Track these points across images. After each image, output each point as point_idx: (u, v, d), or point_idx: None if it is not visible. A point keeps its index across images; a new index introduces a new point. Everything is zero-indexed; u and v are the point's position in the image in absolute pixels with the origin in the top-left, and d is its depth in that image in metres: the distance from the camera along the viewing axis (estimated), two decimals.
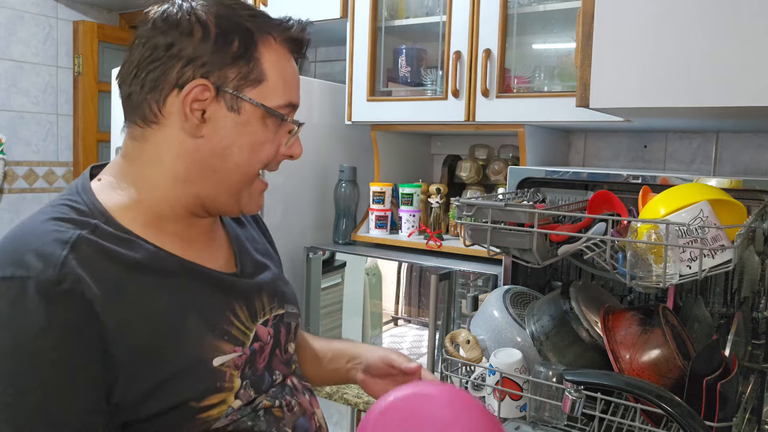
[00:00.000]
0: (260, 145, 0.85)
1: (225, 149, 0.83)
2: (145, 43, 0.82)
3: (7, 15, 2.91)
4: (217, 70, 0.81)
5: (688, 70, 1.10)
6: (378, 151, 2.09)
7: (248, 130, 0.84)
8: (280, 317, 0.95)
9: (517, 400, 1.27)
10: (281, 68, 0.85)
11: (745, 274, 1.44)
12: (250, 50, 0.82)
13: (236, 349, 0.84)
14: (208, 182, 0.84)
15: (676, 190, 1.17)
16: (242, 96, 0.82)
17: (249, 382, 0.85)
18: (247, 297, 0.90)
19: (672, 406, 0.96)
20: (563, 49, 1.75)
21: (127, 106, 0.85)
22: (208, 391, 0.79)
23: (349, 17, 2.02)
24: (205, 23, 0.81)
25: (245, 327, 0.87)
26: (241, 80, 0.82)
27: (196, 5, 0.82)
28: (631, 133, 1.93)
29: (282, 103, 0.85)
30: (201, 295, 0.84)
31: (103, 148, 3.21)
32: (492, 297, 1.49)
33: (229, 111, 0.82)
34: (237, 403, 0.83)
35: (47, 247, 0.72)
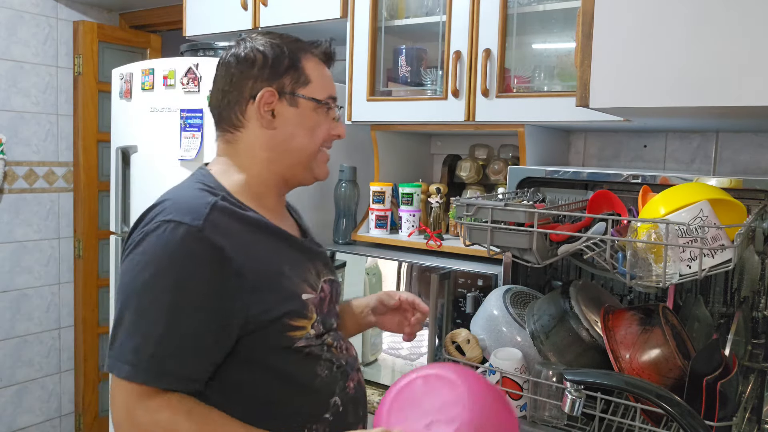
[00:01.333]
0: (315, 128, 1.16)
1: (292, 135, 1.14)
2: (224, 75, 1.15)
3: (7, 15, 2.91)
4: (276, 80, 1.13)
5: (688, 70, 1.10)
6: (378, 151, 2.09)
7: (305, 118, 1.15)
8: (331, 281, 1.21)
9: (517, 399, 1.27)
10: (320, 73, 1.17)
11: (745, 274, 1.44)
12: (296, 63, 1.14)
13: (313, 292, 1.12)
14: (286, 161, 1.15)
15: (675, 189, 1.17)
16: (297, 94, 1.13)
17: (320, 318, 1.11)
18: (313, 259, 1.17)
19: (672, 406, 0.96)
20: (563, 49, 1.75)
21: (219, 120, 1.17)
22: (297, 314, 1.07)
23: (349, 17, 2.02)
24: (262, 52, 1.13)
25: (316, 279, 1.15)
26: (295, 84, 1.14)
27: (255, 43, 1.14)
28: (631, 132, 1.93)
29: (326, 96, 1.16)
30: (290, 251, 1.13)
31: (103, 148, 3.21)
32: (492, 297, 1.49)
33: (290, 107, 1.14)
34: (312, 332, 1.09)
35: (197, 203, 1.03)
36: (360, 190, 2.13)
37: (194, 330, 0.98)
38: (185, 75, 2.12)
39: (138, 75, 2.31)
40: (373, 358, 1.90)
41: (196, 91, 2.09)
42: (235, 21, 2.30)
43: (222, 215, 1.04)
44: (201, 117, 2.08)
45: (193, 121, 2.10)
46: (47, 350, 3.15)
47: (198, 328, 0.98)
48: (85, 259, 3.20)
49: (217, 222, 1.02)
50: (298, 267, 1.12)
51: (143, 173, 2.32)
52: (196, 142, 2.09)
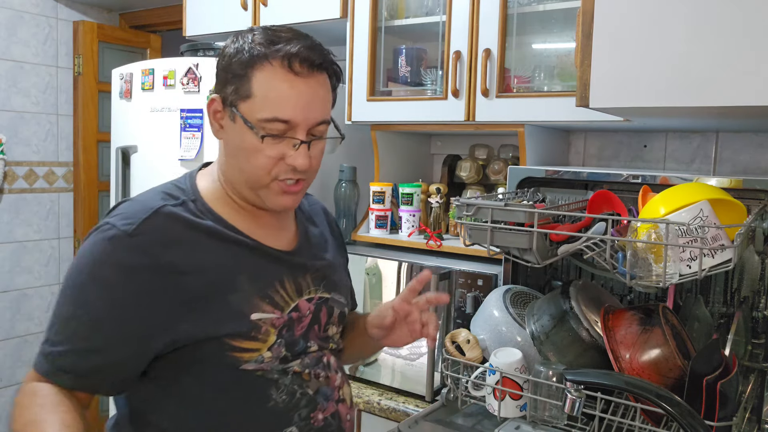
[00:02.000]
0: (253, 152, 0.99)
1: (232, 153, 1.02)
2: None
3: (7, 15, 2.91)
4: (223, 86, 1.01)
5: (688, 70, 1.10)
6: (378, 151, 2.09)
7: (242, 138, 0.99)
8: (324, 300, 1.11)
9: (517, 399, 1.27)
10: (271, 87, 0.97)
11: (745, 274, 1.44)
12: (244, 70, 0.98)
13: (275, 311, 1.02)
14: (234, 177, 1.04)
15: (675, 189, 1.17)
16: (234, 109, 0.99)
17: (284, 342, 1.02)
18: (294, 273, 1.07)
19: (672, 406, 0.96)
20: (563, 49, 1.75)
21: None
22: (241, 336, 0.98)
23: (349, 17, 2.02)
24: (226, 52, 1.01)
25: (288, 297, 1.05)
26: (234, 95, 0.99)
27: (237, 39, 1.01)
28: (631, 132, 1.93)
29: (267, 116, 0.97)
30: (255, 263, 1.03)
31: (104, 148, 3.21)
32: (492, 297, 1.49)
33: (230, 121, 1.01)
34: (268, 355, 1.00)
35: (142, 207, 0.98)
36: (360, 190, 2.13)
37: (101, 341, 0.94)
38: (185, 75, 2.13)
39: (138, 75, 2.31)
40: (373, 358, 1.90)
41: (196, 91, 2.09)
42: (235, 21, 2.30)
43: (166, 221, 0.98)
44: (201, 117, 2.08)
45: (193, 121, 2.10)
46: None
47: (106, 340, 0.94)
48: None
49: (157, 228, 0.96)
50: (263, 281, 1.02)
51: (143, 173, 2.32)
52: (196, 142, 2.09)
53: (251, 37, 0.99)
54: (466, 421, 1.38)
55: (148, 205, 0.98)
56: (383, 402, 1.73)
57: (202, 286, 0.97)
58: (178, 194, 1.03)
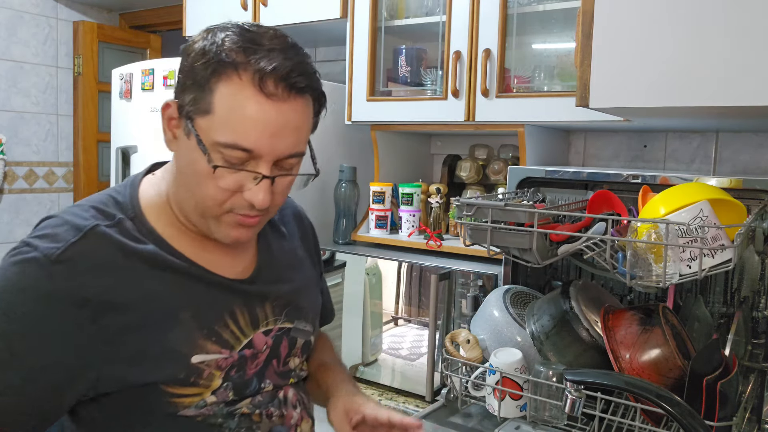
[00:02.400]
0: (204, 178, 0.83)
1: (182, 171, 0.87)
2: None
3: (7, 15, 2.91)
4: (181, 91, 0.84)
5: (688, 70, 1.10)
6: (378, 151, 2.09)
7: (194, 158, 0.83)
8: (285, 330, 0.98)
9: (517, 399, 1.27)
10: (235, 106, 0.80)
11: (745, 274, 1.44)
12: (207, 80, 0.81)
13: (222, 351, 0.88)
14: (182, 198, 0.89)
15: (675, 189, 1.17)
16: (189, 123, 0.83)
17: (231, 384, 0.89)
18: (249, 303, 0.93)
19: (672, 406, 0.96)
20: (563, 49, 1.75)
21: None
22: (180, 382, 0.85)
23: (349, 17, 2.02)
24: (190, 51, 0.84)
25: (240, 332, 0.91)
26: (191, 105, 0.82)
27: (207, 36, 0.84)
28: (631, 132, 1.93)
29: (225, 141, 0.80)
30: (199, 295, 0.89)
31: (103, 149, 3.21)
32: (492, 297, 1.49)
33: (184, 134, 0.85)
34: (212, 399, 0.88)
35: (70, 226, 0.83)
36: (360, 190, 2.13)
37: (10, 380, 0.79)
38: None
39: (138, 75, 2.31)
40: (373, 358, 1.90)
41: None
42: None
43: (97, 245, 0.83)
44: None
45: None
46: None
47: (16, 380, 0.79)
48: None
49: (85, 253, 0.81)
50: (209, 316, 0.88)
51: None
52: None
53: (223, 37, 0.82)
54: (466, 421, 1.38)
55: (77, 225, 0.83)
56: (383, 402, 1.73)
57: (134, 323, 0.82)
58: (114, 211, 0.87)
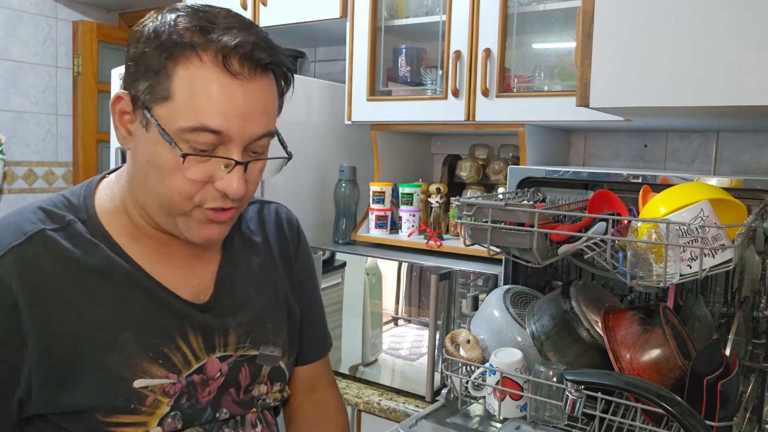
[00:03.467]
0: (170, 172, 0.77)
1: (142, 169, 0.79)
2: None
3: (7, 15, 2.91)
4: (133, 81, 0.77)
5: (688, 70, 1.10)
6: (378, 151, 2.09)
7: (156, 152, 0.76)
8: (249, 358, 0.90)
9: (517, 399, 1.27)
10: (198, 89, 0.75)
11: (746, 274, 1.44)
12: (162, 63, 0.75)
13: (170, 375, 0.82)
14: (144, 199, 0.81)
15: (676, 189, 1.17)
16: (147, 113, 0.76)
17: (181, 414, 0.82)
18: (205, 330, 0.86)
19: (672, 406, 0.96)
20: (563, 49, 1.75)
21: None
22: (119, 409, 0.78)
23: (349, 17, 2.02)
24: (141, 35, 0.77)
25: (194, 356, 0.84)
26: (148, 94, 0.76)
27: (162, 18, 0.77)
28: (631, 132, 1.93)
29: (191, 125, 0.75)
30: (148, 314, 0.82)
31: (103, 149, 3.21)
32: (492, 297, 1.49)
33: (142, 128, 0.78)
34: (158, 430, 0.80)
35: (13, 231, 0.76)
36: (360, 190, 2.13)
37: None
38: None
39: None
40: (373, 358, 1.90)
41: None
42: None
43: (41, 251, 0.76)
44: None
45: None
46: None
47: None
48: None
49: (26, 259, 0.75)
50: (157, 337, 0.81)
51: None
52: None
53: (174, 18, 0.76)
54: (466, 422, 1.38)
55: (20, 228, 0.77)
56: (383, 402, 1.73)
57: (72, 341, 0.76)
58: (64, 213, 0.81)
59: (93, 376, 0.77)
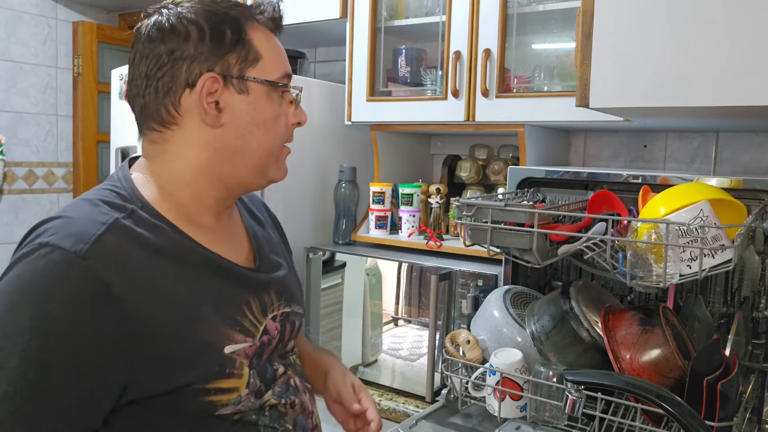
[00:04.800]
0: (274, 119, 0.91)
1: (245, 130, 0.90)
2: (148, 55, 0.87)
3: (7, 16, 2.91)
4: (219, 60, 0.87)
5: (688, 70, 1.10)
6: (378, 151, 2.09)
7: (260, 107, 0.90)
8: (286, 315, 0.99)
9: (517, 400, 1.27)
10: (271, 45, 0.92)
11: (746, 274, 1.44)
12: (241, 35, 0.88)
13: (247, 339, 0.89)
14: (231, 164, 0.90)
15: (676, 189, 1.17)
16: (246, 77, 0.88)
17: (256, 372, 0.90)
18: (259, 292, 0.94)
19: (672, 406, 0.96)
20: (563, 49, 1.75)
21: (142, 116, 0.91)
22: (217, 375, 0.84)
23: (349, 17, 2.02)
24: (196, 22, 0.87)
25: (256, 320, 0.92)
26: (242, 63, 0.88)
27: (182, 9, 0.88)
28: (631, 132, 1.93)
29: (280, 74, 0.92)
30: (219, 286, 0.88)
31: (103, 149, 3.21)
32: (492, 297, 1.49)
33: (239, 94, 0.89)
34: (245, 392, 0.87)
35: (89, 222, 0.79)
36: (360, 191, 2.13)
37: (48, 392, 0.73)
38: None
39: None
40: (373, 359, 1.90)
41: None
42: None
43: (122, 238, 0.80)
44: None
45: None
46: None
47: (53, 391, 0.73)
48: None
49: (111, 248, 0.78)
50: (229, 305, 0.88)
51: None
52: None
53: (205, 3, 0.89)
54: (466, 422, 1.38)
55: (94, 219, 0.80)
56: (383, 402, 1.73)
57: (164, 321, 0.80)
58: (122, 202, 0.85)
59: (188, 351, 0.81)
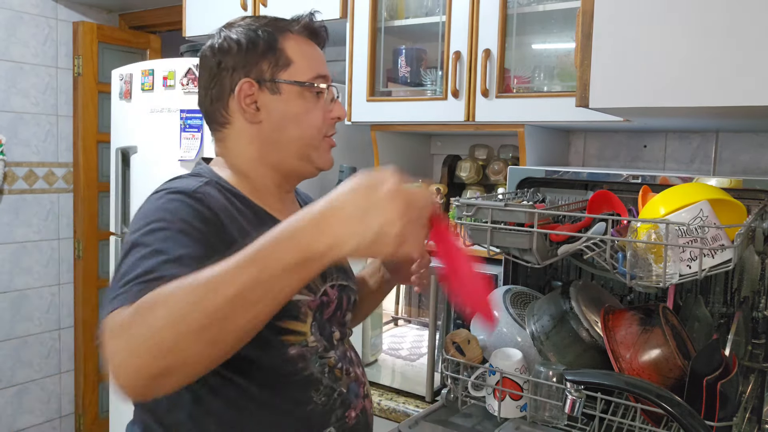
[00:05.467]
0: (306, 114, 1.06)
1: (280, 125, 1.06)
2: (204, 71, 1.08)
3: (7, 16, 2.91)
4: (254, 67, 1.04)
5: (687, 70, 1.10)
6: (378, 151, 2.09)
7: (292, 105, 1.05)
8: (343, 287, 1.12)
9: (517, 400, 1.27)
10: (303, 51, 1.07)
11: (745, 274, 1.44)
12: (273, 45, 1.05)
13: (309, 294, 1.03)
14: (277, 153, 1.06)
15: (675, 189, 1.17)
16: (278, 80, 1.05)
17: (317, 325, 1.04)
18: None
19: (672, 406, 0.96)
20: (563, 49, 1.75)
21: (207, 120, 1.11)
22: (285, 313, 0.95)
23: (349, 17, 2.02)
24: (236, 39, 1.05)
25: (317, 283, 1.05)
26: (274, 68, 1.05)
27: (230, 31, 1.07)
28: (630, 132, 1.93)
29: (311, 76, 1.07)
30: None
31: (103, 149, 3.21)
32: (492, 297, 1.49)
33: (272, 95, 1.05)
34: (311, 339, 1.02)
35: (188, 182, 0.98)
36: None
37: (192, 250, 0.85)
38: (185, 75, 2.13)
39: (138, 76, 2.31)
40: (373, 359, 1.90)
41: (196, 92, 2.09)
42: None
43: (216, 192, 0.98)
44: (201, 117, 2.07)
45: (192, 122, 2.10)
46: (47, 351, 3.15)
47: (197, 249, 0.86)
48: (85, 260, 3.19)
49: (209, 193, 0.96)
50: None
51: (143, 174, 2.32)
52: (195, 142, 2.09)
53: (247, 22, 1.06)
54: (466, 422, 1.38)
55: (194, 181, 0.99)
56: (383, 402, 1.73)
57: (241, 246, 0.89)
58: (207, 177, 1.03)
59: None
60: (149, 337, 0.68)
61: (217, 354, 0.71)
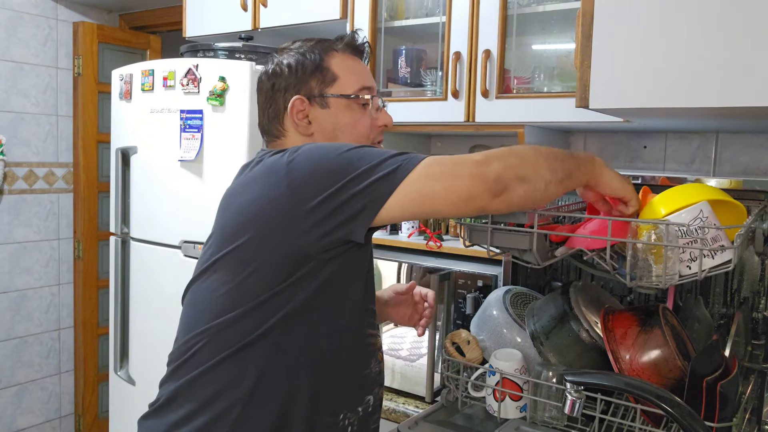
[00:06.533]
0: (354, 123, 1.16)
1: (331, 135, 1.16)
2: (261, 94, 1.20)
3: (7, 16, 2.91)
4: (304, 85, 1.16)
5: (688, 70, 1.10)
6: None
7: (341, 116, 1.16)
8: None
9: (517, 400, 1.27)
10: (347, 66, 1.17)
11: (745, 275, 1.44)
12: (319, 63, 1.16)
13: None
14: None
15: (675, 190, 1.17)
16: (326, 95, 1.15)
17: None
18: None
19: (672, 407, 0.96)
20: (563, 50, 1.75)
21: (264, 133, 1.23)
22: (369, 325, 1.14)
23: (349, 18, 2.02)
24: (287, 63, 1.17)
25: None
26: (321, 84, 1.15)
27: (281, 55, 1.19)
28: (630, 133, 1.93)
29: (357, 88, 1.17)
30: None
31: (103, 149, 3.21)
32: (492, 297, 1.49)
33: (322, 109, 1.16)
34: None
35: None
36: None
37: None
38: (185, 76, 2.13)
39: (138, 76, 2.31)
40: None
41: (196, 92, 2.09)
42: (235, 22, 2.30)
43: None
44: (201, 118, 2.08)
45: (192, 122, 2.10)
46: (47, 351, 3.15)
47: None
48: (85, 260, 3.19)
49: None
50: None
51: (143, 174, 2.32)
52: (195, 143, 2.09)
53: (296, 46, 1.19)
54: (466, 422, 1.38)
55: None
56: (383, 403, 1.73)
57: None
58: None
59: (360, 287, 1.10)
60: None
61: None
